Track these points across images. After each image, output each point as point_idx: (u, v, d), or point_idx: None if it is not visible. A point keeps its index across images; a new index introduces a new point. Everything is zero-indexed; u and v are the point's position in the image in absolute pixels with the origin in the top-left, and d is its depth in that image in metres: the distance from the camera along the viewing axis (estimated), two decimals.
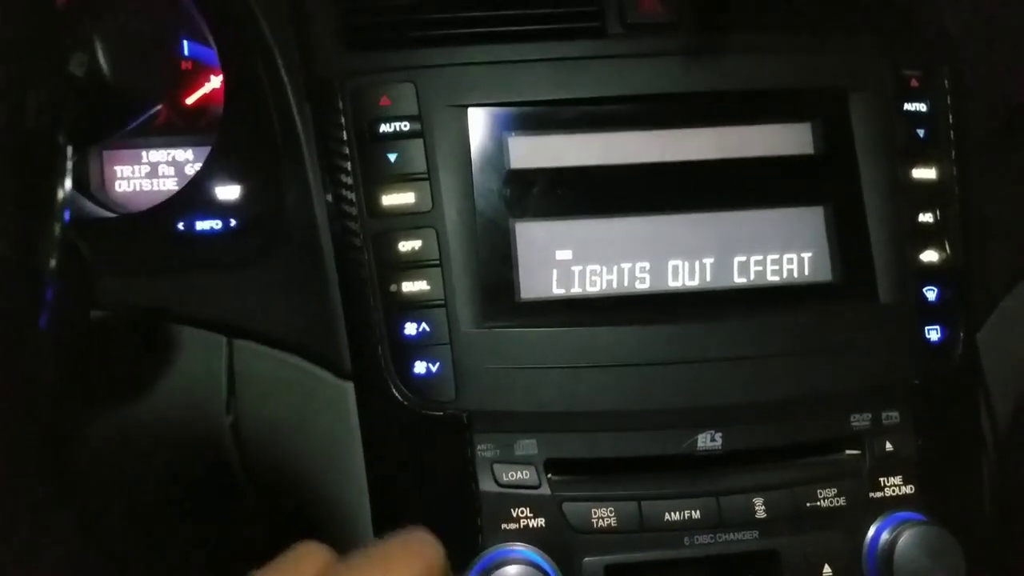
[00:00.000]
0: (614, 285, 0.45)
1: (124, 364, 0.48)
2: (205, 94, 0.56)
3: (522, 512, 0.42)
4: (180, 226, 0.47)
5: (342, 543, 0.47)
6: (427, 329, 0.43)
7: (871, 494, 0.44)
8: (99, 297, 0.44)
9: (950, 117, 0.49)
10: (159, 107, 0.49)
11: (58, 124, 0.25)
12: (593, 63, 0.46)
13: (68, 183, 0.25)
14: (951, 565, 0.42)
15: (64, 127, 0.25)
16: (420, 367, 0.43)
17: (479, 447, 0.42)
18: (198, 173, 0.48)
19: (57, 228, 0.25)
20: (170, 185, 0.55)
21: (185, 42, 0.56)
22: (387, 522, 0.44)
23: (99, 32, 0.28)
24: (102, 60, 0.28)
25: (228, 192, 0.47)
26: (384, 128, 0.44)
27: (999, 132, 0.51)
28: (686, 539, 0.42)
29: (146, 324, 0.47)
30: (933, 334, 0.46)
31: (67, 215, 0.25)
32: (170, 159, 0.55)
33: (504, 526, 0.41)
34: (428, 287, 0.43)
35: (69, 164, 0.25)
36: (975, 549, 0.42)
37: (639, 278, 0.45)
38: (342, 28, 0.46)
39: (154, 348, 0.46)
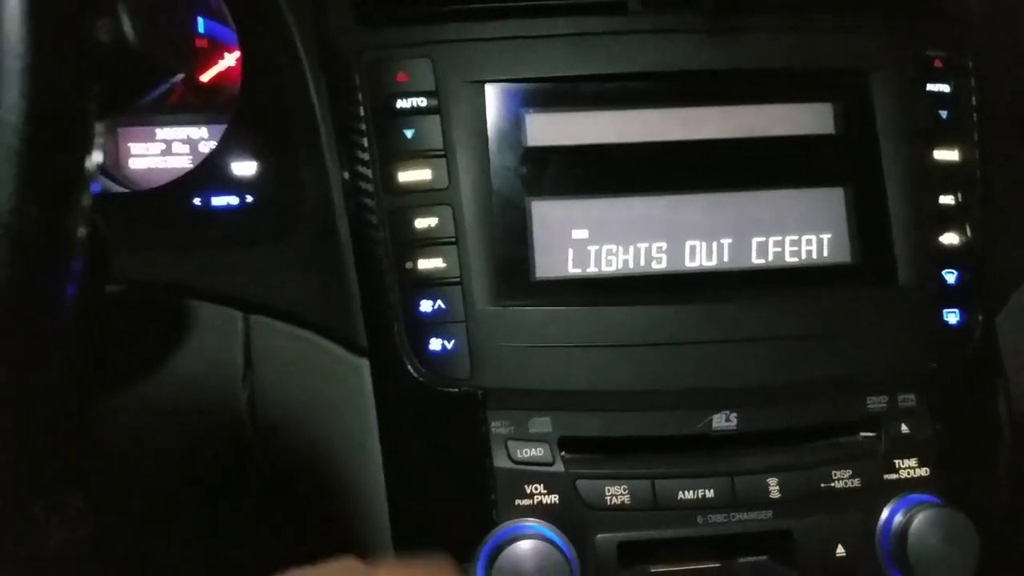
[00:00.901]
0: (630, 265, 0.45)
1: (140, 339, 0.48)
2: (220, 72, 0.56)
3: (536, 488, 0.42)
4: (196, 202, 0.47)
5: (356, 519, 0.48)
6: (442, 306, 0.43)
7: (886, 476, 0.44)
8: (115, 273, 0.45)
9: (973, 99, 0.48)
10: (180, 77, 0.49)
11: (87, 92, 0.25)
12: (612, 39, 0.45)
13: (98, 153, 0.25)
14: (966, 547, 0.41)
15: (93, 96, 0.25)
16: (435, 344, 0.43)
17: (493, 424, 0.43)
18: (215, 149, 0.48)
19: (86, 198, 0.25)
20: (184, 163, 0.55)
21: (200, 19, 0.56)
22: (402, 498, 0.44)
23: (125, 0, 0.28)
24: (127, 27, 0.28)
25: (244, 168, 0.47)
26: (401, 104, 0.44)
27: (1021, 116, 0.50)
28: (699, 518, 0.42)
29: (162, 299, 0.47)
30: (952, 317, 0.46)
31: (95, 186, 0.25)
32: (184, 137, 0.55)
33: (518, 502, 0.42)
34: (444, 264, 0.43)
35: (97, 134, 0.25)
36: (990, 532, 0.42)
37: (656, 258, 0.45)
38: (359, 3, 0.45)
39: (170, 323, 0.47)
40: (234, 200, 0.46)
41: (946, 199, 0.47)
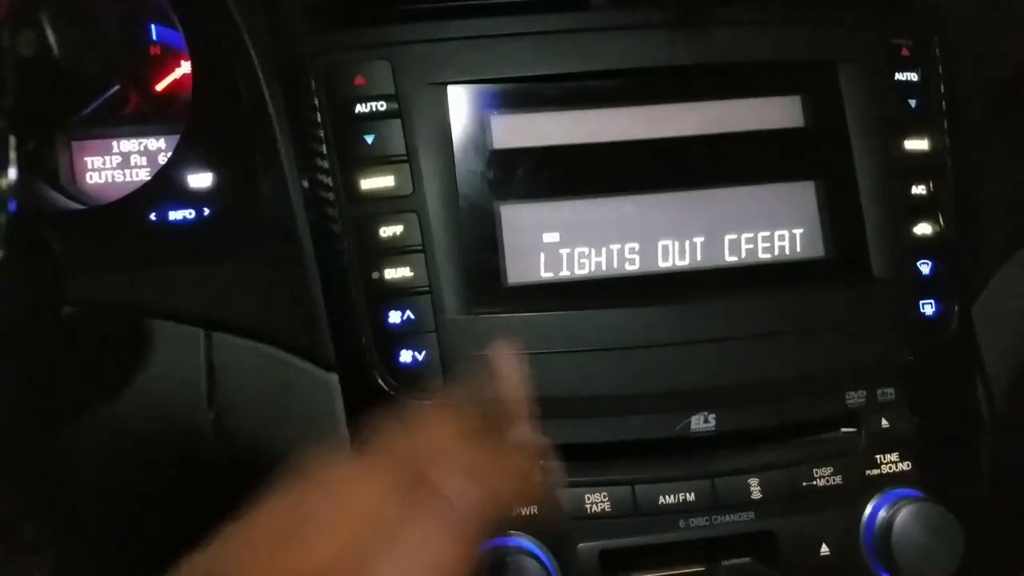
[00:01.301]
0: (603, 267, 0.44)
1: (100, 361, 0.46)
2: (175, 80, 0.54)
3: None
4: (152, 216, 0.45)
5: None
6: (412, 316, 0.42)
7: (868, 472, 0.44)
8: (70, 293, 0.43)
9: (942, 87, 0.48)
10: (116, 90, 0.47)
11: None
12: (576, 36, 0.44)
13: (13, 171, 0.24)
14: (949, 541, 0.41)
15: (5, 108, 0.23)
16: (406, 356, 0.42)
17: None
18: (168, 161, 0.46)
19: (2, 218, 0.23)
20: (143, 175, 0.53)
21: (153, 26, 0.54)
22: None
23: (49, 11, 0.27)
24: (51, 39, 0.26)
25: (200, 180, 0.45)
26: (360, 108, 0.43)
27: (991, 104, 0.50)
28: (681, 522, 0.42)
29: (120, 320, 0.45)
30: (928, 308, 0.45)
31: (12, 205, 0.24)
32: (142, 148, 0.53)
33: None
34: (411, 273, 0.42)
35: (13, 151, 0.24)
36: (973, 525, 0.42)
37: (628, 259, 0.44)
38: (312, 4, 0.44)
39: (131, 343, 0.45)
40: (191, 214, 0.45)
41: (918, 189, 0.46)
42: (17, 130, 0.23)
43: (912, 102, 0.47)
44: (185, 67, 0.54)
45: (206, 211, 0.45)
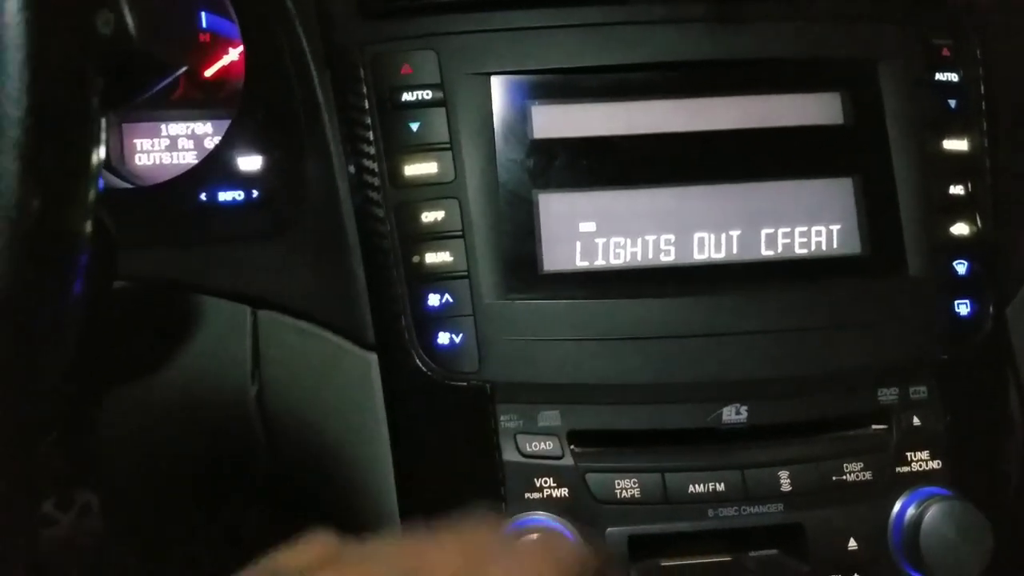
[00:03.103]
0: (638, 257, 0.44)
1: (148, 336, 0.48)
2: (223, 67, 0.56)
3: (545, 482, 0.42)
4: (202, 197, 0.46)
5: (364, 514, 0.47)
6: (450, 300, 0.43)
7: (898, 469, 0.43)
8: (122, 270, 0.44)
9: (981, 87, 0.47)
10: (179, 74, 0.48)
11: (91, 86, 0.25)
12: (617, 29, 0.45)
13: (103, 149, 0.25)
14: (978, 540, 0.41)
15: (97, 90, 0.24)
16: (443, 338, 0.43)
17: (502, 418, 0.42)
18: (219, 144, 0.48)
19: (92, 193, 0.25)
20: (189, 158, 0.55)
21: (203, 14, 0.56)
22: (411, 492, 0.44)
23: None
24: (129, 20, 0.28)
25: (250, 163, 0.47)
26: (406, 97, 0.44)
27: None
28: (710, 511, 0.42)
29: (169, 296, 0.47)
30: (962, 308, 0.45)
31: (101, 182, 0.25)
32: (189, 132, 0.55)
33: (527, 495, 0.41)
34: (451, 258, 0.43)
35: (103, 130, 0.25)
36: (1002, 524, 0.41)
37: (664, 250, 0.44)
38: None
39: (178, 320, 0.46)
40: (239, 195, 0.46)
41: (955, 189, 0.46)
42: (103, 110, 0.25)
43: (951, 102, 0.47)
44: (232, 54, 0.56)
45: (255, 193, 0.46)
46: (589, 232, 0.44)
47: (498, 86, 0.44)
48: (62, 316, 0.26)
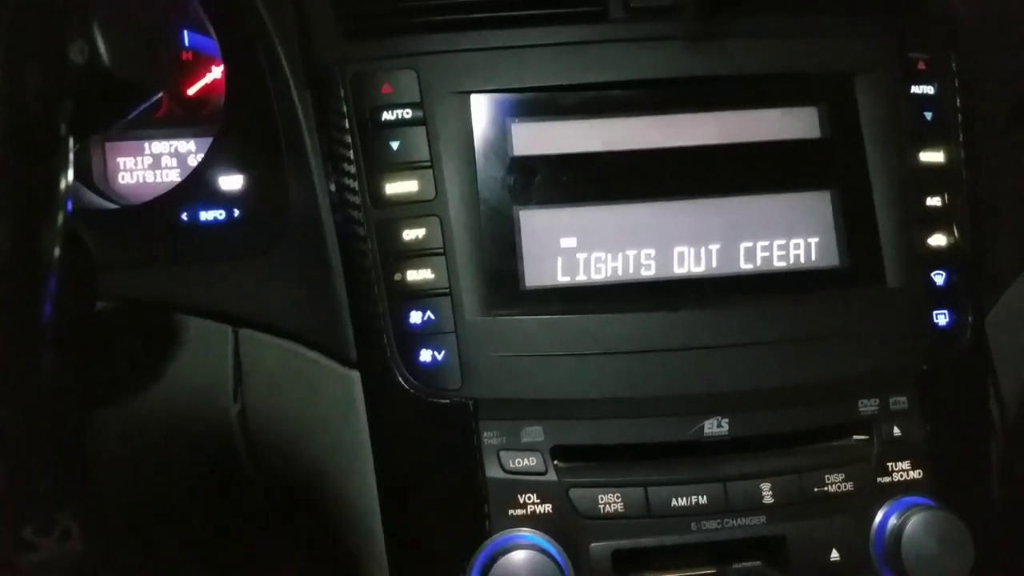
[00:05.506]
0: (619, 272, 0.45)
1: (130, 356, 0.48)
2: (206, 85, 0.56)
3: (529, 498, 0.42)
4: (184, 217, 0.47)
5: (349, 530, 0.47)
6: (432, 317, 0.43)
7: (879, 479, 0.44)
8: (103, 289, 0.45)
9: (958, 100, 0.48)
10: (159, 96, 0.49)
11: (60, 112, 0.25)
12: (595, 48, 0.45)
13: (71, 173, 0.25)
14: (959, 550, 0.41)
15: (66, 115, 0.24)
16: (426, 355, 0.43)
17: (485, 434, 0.42)
18: (200, 163, 0.48)
19: (60, 217, 0.25)
20: (173, 176, 0.55)
21: (185, 33, 0.56)
22: (394, 509, 0.44)
23: (99, 20, 0.28)
24: (102, 48, 0.28)
25: (231, 182, 0.47)
26: (386, 116, 0.44)
27: (1006, 118, 0.50)
28: (693, 524, 0.42)
29: (152, 315, 0.47)
30: (941, 319, 0.46)
31: (70, 205, 0.25)
32: (172, 150, 0.55)
33: (511, 512, 0.42)
34: (432, 276, 0.43)
35: (71, 154, 0.25)
36: (983, 534, 0.42)
37: (644, 265, 0.45)
38: (342, 15, 0.45)
39: (160, 339, 0.46)
40: (221, 214, 0.46)
41: (933, 200, 0.47)
42: (73, 135, 0.25)
43: (928, 115, 0.47)
44: (215, 72, 0.56)
45: (236, 212, 0.46)
46: (570, 248, 0.44)
47: (478, 104, 0.45)
48: (36, 338, 0.26)
